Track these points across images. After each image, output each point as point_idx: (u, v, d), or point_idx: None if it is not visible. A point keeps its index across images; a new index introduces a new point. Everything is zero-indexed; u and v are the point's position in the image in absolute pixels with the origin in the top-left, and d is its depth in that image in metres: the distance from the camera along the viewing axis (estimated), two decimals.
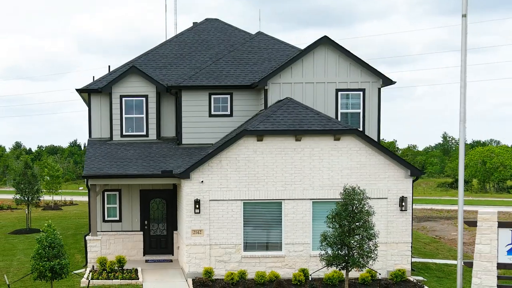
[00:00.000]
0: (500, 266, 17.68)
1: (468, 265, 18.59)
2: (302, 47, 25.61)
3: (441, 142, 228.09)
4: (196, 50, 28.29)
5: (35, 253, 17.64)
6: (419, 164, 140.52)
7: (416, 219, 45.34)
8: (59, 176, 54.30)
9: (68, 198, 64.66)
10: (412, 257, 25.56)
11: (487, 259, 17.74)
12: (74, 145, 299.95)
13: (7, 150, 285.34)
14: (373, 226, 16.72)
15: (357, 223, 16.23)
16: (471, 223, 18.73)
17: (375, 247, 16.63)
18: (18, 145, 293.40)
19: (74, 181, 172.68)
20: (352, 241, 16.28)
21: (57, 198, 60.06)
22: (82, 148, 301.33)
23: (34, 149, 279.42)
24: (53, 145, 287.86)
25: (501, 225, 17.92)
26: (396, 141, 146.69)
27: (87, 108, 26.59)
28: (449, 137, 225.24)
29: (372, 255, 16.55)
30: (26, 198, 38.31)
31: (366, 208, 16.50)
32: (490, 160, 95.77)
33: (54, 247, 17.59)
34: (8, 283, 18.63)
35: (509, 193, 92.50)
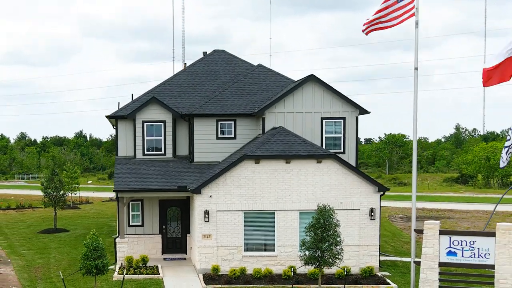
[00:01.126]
0: (441, 264, 24.11)
1: (417, 264, 25.11)
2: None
3: (454, 133, 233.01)
4: (205, 80, 34.80)
5: (83, 254, 24.18)
6: (425, 159, 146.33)
7: (405, 218, 51.85)
8: (77, 177, 60.64)
9: (82, 194, 70.51)
10: (385, 255, 32.08)
11: (431, 259, 24.21)
12: (80, 136, 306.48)
13: (12, 141, 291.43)
14: (340, 234, 23.17)
15: (327, 233, 22.67)
16: (419, 231, 25.24)
17: (341, 250, 23.06)
18: (22, 136, 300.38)
19: (82, 174, 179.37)
20: (324, 246, 22.74)
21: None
22: (88, 139, 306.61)
23: (39, 140, 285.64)
24: (58, 136, 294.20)
25: (442, 232, 24.38)
26: (404, 136, 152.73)
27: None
28: (462, 128, 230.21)
29: (339, 257, 23.00)
30: (53, 201, 44.95)
31: (334, 221, 22.93)
32: (493, 156, 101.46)
33: (98, 250, 24.16)
34: (62, 277, 25.26)
35: None
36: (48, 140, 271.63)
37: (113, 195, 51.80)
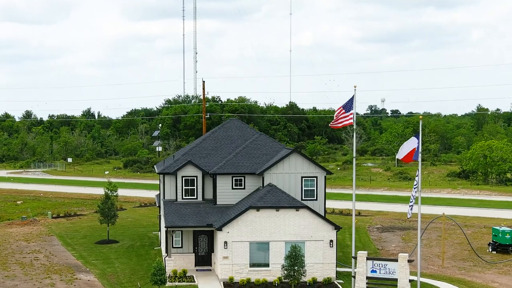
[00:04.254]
0: (367, 278, 45.90)
1: (354, 277, 46.93)
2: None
3: (475, 114, 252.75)
4: (224, 143, 56.51)
5: (152, 273, 45.89)
6: (434, 148, 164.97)
7: (381, 229, 73.56)
8: (116, 191, 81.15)
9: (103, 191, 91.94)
10: (345, 267, 53.78)
11: (361, 274, 46.02)
12: (88, 114, 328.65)
13: (17, 119, 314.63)
14: (304, 259, 44.86)
15: (296, 261, 44.34)
16: (355, 258, 47.04)
17: (305, 271, 44.73)
18: (28, 115, 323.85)
19: (95, 160, 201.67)
20: (295, 268, 44.41)
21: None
22: (96, 117, 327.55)
23: (45, 118, 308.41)
24: (65, 115, 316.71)
25: (368, 258, 46.09)
26: (428, 114, 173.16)
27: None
28: (484, 109, 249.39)
29: (304, 274, 44.69)
30: (107, 220, 66.90)
31: (300, 254, 44.57)
32: (490, 154, 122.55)
33: (161, 270, 45.90)
34: (139, 286, 47.32)
35: (507, 185, 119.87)
36: (55, 118, 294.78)
37: (141, 195, 74.63)
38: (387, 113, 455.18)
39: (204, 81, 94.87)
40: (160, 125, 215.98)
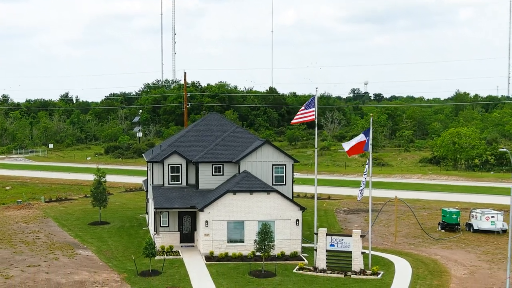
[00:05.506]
0: (327, 251, 56.84)
1: (316, 250, 57.85)
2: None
3: (453, 97, 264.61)
4: (205, 135, 67.10)
5: (145, 247, 56.44)
6: (413, 132, 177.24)
7: (348, 211, 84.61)
8: (105, 177, 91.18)
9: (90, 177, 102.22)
10: (310, 243, 64.67)
11: (322, 248, 56.97)
12: (66, 98, 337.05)
13: None
14: (274, 235, 55.64)
15: (266, 236, 55.07)
16: (316, 234, 58.01)
17: (274, 245, 55.47)
18: (5, 99, 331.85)
19: (75, 146, 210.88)
20: (265, 242, 55.15)
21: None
22: (74, 101, 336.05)
23: (22, 102, 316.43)
24: (43, 99, 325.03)
25: (327, 234, 57.03)
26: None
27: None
28: (463, 93, 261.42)
29: (273, 248, 55.45)
30: (99, 203, 77.34)
31: (270, 230, 55.34)
32: (459, 140, 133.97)
33: (151, 245, 56.50)
34: (134, 258, 57.85)
35: (474, 171, 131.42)
36: (32, 103, 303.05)
37: (125, 181, 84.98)
38: (370, 96, 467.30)
39: (185, 72, 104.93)
40: (141, 111, 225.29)
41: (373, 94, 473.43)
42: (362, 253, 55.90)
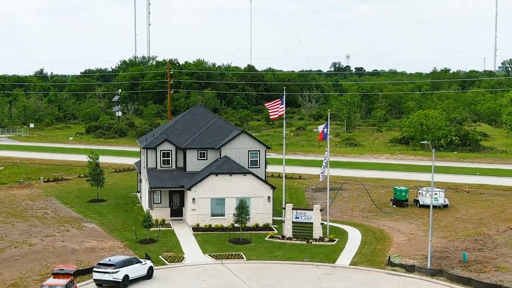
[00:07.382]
0: (293, 223, 74.10)
1: (284, 222, 75.08)
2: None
3: (431, 74, 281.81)
4: (191, 125, 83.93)
5: (143, 220, 73.15)
6: (379, 118, 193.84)
7: (315, 189, 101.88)
8: (98, 159, 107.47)
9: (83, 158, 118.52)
10: (280, 217, 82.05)
11: (288, 220, 74.28)
12: (41, 74, 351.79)
13: None
14: (249, 210, 72.71)
15: (242, 210, 72.04)
16: (284, 208, 75.26)
17: (249, 218, 72.50)
18: None
19: (55, 125, 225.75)
20: (242, 216, 72.14)
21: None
22: (49, 77, 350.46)
23: None
24: (17, 76, 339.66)
25: (293, 208, 74.27)
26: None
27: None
28: (441, 69, 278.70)
29: (248, 220, 72.48)
30: (97, 183, 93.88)
31: (246, 205, 72.33)
32: (426, 122, 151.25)
33: (149, 217, 73.30)
34: (134, 229, 74.62)
35: (440, 151, 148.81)
36: (7, 79, 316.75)
37: (112, 161, 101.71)
38: (351, 70, 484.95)
39: (168, 61, 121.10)
40: (120, 90, 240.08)
41: (355, 68, 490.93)
42: (322, 224, 73.01)
